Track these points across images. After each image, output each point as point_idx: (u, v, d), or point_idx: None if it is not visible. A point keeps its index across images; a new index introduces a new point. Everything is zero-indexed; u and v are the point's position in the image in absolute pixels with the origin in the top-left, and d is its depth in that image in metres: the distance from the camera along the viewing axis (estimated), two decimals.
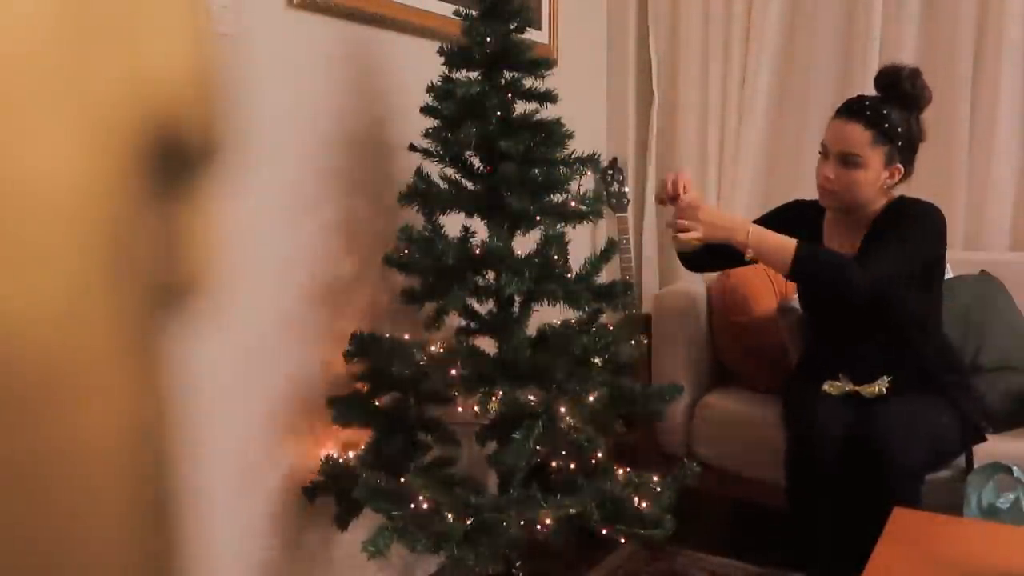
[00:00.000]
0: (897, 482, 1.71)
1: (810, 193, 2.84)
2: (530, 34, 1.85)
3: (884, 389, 1.90)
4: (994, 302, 2.26)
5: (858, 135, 1.86)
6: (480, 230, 1.81)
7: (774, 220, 2.04)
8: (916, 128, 1.91)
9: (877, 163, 1.87)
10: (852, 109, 1.88)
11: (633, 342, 1.85)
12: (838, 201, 1.94)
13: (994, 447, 1.95)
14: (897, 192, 1.98)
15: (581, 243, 1.96)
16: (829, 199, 1.95)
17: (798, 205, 2.13)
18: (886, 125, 1.85)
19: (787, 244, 1.81)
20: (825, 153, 1.92)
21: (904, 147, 1.89)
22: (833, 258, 1.83)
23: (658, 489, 1.80)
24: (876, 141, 1.85)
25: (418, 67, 1.97)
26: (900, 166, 1.90)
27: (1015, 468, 1.65)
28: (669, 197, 1.87)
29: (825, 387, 1.94)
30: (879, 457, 1.74)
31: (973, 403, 1.97)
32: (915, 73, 1.89)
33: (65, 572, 0.54)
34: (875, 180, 1.89)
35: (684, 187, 1.86)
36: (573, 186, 1.80)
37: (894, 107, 1.87)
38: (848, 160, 1.87)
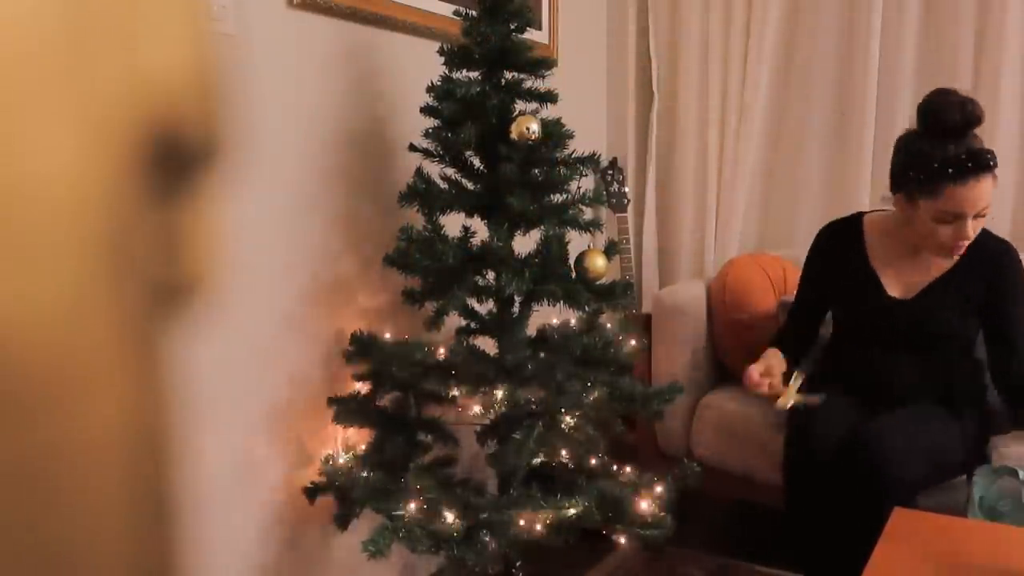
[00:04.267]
0: (892, 493, 1.69)
1: (807, 193, 2.85)
2: (530, 34, 1.85)
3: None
4: None
5: (990, 186, 1.77)
6: (480, 230, 1.81)
7: (816, 266, 2.06)
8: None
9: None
10: (979, 165, 1.75)
11: (633, 342, 1.85)
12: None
13: (997, 448, 1.95)
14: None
15: (581, 243, 1.96)
16: (959, 252, 1.86)
17: (830, 230, 2.07)
18: (996, 164, 1.77)
19: None
20: (961, 216, 1.78)
21: None
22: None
23: (658, 489, 1.80)
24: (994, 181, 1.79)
25: (418, 67, 1.97)
26: None
27: (1021, 471, 1.65)
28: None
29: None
30: (875, 467, 1.73)
31: (983, 425, 1.95)
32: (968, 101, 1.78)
33: (65, 569, 0.54)
34: None
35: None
36: (573, 186, 1.80)
37: (977, 134, 1.79)
38: (982, 212, 1.79)
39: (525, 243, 1.81)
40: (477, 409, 1.72)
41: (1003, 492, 1.63)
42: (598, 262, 1.77)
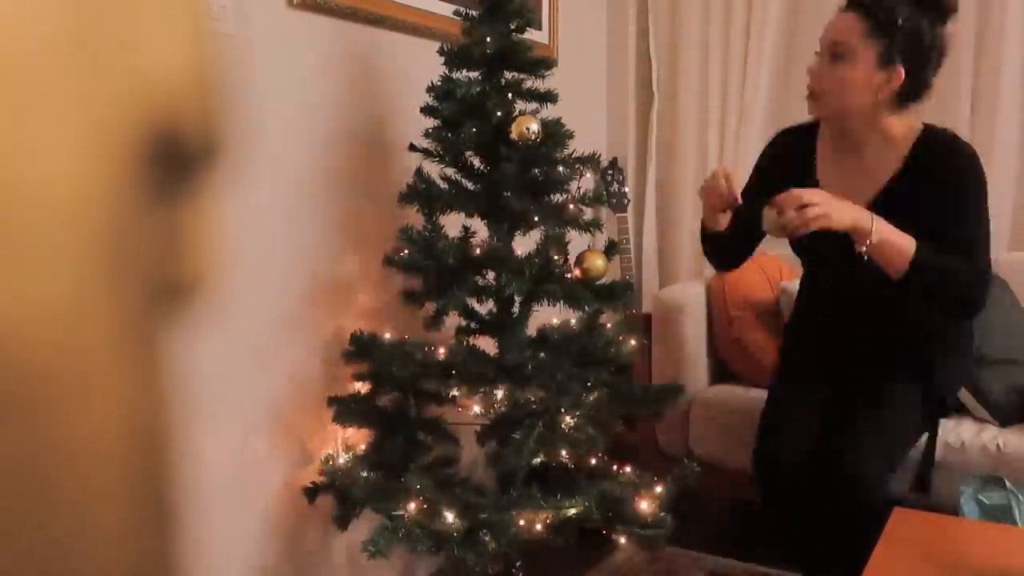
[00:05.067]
0: (869, 502, 1.64)
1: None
2: (530, 34, 1.85)
3: None
4: (997, 299, 2.27)
5: (851, 23, 1.65)
6: (480, 230, 1.81)
7: (765, 168, 1.93)
8: (931, 34, 1.66)
9: (869, 60, 1.64)
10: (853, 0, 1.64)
11: (633, 342, 1.85)
12: (825, 108, 1.74)
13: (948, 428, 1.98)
14: (910, 117, 1.74)
15: (581, 243, 1.96)
16: (815, 104, 1.74)
17: (786, 136, 1.93)
18: (882, 16, 1.62)
19: (907, 245, 1.59)
20: (820, 52, 1.72)
21: (908, 47, 1.64)
22: (949, 264, 1.61)
23: (658, 489, 1.79)
24: (870, 33, 1.63)
25: (418, 67, 1.97)
26: (900, 68, 1.65)
27: (1006, 480, 1.65)
28: (730, 201, 1.74)
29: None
30: (849, 478, 1.66)
31: (950, 377, 1.88)
32: None
33: (65, 569, 0.54)
34: (867, 82, 1.66)
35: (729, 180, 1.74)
36: (573, 186, 1.80)
37: (906, 4, 1.64)
38: (837, 54, 1.66)
39: (525, 243, 1.81)
40: (477, 409, 1.72)
41: (990, 502, 1.62)
42: (598, 262, 1.77)
